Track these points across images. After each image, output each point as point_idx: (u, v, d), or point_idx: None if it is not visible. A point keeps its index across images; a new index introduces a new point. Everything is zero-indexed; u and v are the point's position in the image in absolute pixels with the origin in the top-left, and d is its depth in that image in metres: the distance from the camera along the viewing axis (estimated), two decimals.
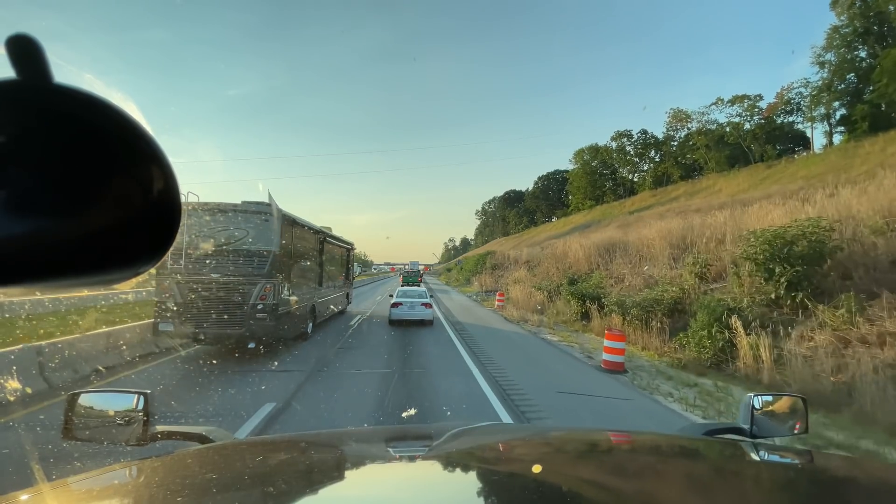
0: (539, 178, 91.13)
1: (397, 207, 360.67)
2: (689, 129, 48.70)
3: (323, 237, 12.35)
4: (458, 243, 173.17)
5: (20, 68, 0.34)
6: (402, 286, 20.08)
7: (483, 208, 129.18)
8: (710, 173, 44.04)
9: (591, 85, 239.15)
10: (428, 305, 13.46)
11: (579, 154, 67.56)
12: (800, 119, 39.92)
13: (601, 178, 64.27)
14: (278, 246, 8.37)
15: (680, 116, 49.33)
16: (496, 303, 20.85)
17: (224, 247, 8.22)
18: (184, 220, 6.08)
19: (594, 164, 65.30)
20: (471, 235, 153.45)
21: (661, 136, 54.14)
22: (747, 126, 42.23)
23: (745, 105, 41.95)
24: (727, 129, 43.38)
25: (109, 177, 0.39)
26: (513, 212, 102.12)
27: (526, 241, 57.33)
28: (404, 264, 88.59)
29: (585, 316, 14.08)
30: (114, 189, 0.39)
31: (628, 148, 59.89)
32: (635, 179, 59.82)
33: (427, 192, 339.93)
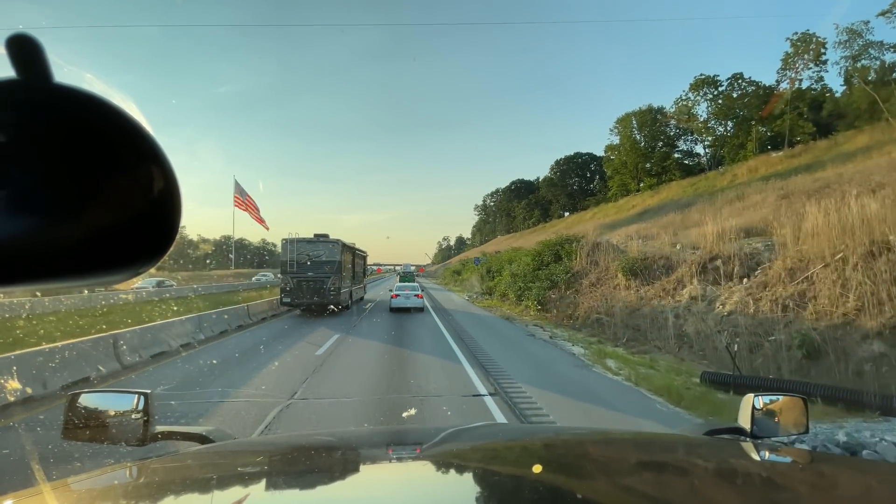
0: (556, 163, 75.83)
1: (388, 208, 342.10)
2: (822, 61, 33.59)
3: (354, 251, 20.52)
4: (452, 242, 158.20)
5: (20, 68, 0.33)
6: (399, 283, 25.24)
7: (484, 202, 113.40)
8: (857, 121, 28.81)
9: (594, 78, 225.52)
10: (419, 296, 18.89)
11: (625, 121, 52.05)
12: None
13: (653, 151, 49.05)
14: (340, 258, 16.45)
15: (807, 47, 34.08)
16: None
17: (313, 259, 16.12)
18: (293, 248, 16.74)
19: (645, 132, 50.11)
20: (466, 234, 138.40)
21: (766, 85, 38.86)
22: None
23: None
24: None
25: (110, 177, 0.38)
26: (521, 204, 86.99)
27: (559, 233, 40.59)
28: (395, 265, 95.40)
29: None
30: (114, 189, 0.38)
31: (698, 110, 44.50)
32: (707, 147, 44.59)
33: (419, 193, 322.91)
